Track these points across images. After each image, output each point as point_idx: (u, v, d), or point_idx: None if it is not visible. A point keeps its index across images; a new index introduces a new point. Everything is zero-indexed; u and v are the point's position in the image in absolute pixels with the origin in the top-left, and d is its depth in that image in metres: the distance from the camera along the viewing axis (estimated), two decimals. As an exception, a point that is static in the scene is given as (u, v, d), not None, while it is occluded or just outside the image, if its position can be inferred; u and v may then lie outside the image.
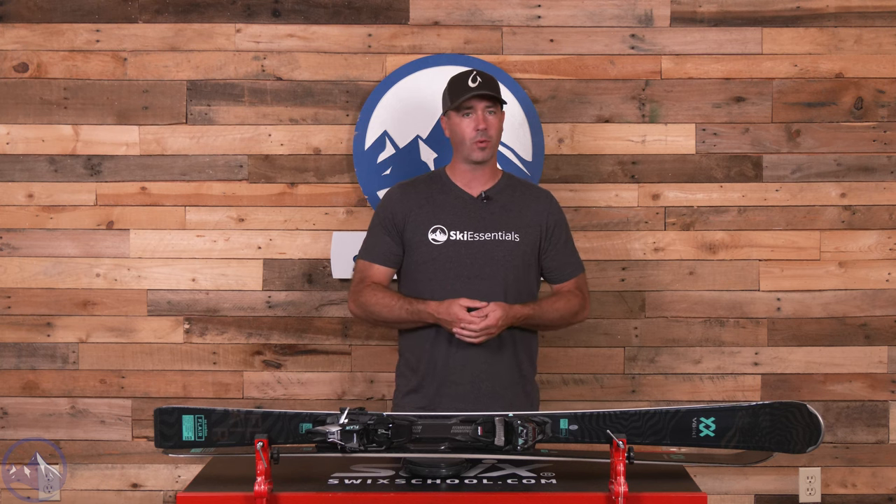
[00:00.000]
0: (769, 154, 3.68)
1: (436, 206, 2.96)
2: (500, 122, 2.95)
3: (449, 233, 2.92)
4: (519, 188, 3.02)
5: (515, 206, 2.97)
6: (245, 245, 3.68)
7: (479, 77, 2.91)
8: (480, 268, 2.89)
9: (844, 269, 3.68)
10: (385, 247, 2.98)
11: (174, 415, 2.49)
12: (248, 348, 3.69)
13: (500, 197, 2.97)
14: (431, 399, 2.90)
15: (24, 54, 3.66)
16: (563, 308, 2.95)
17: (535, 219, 2.97)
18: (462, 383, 2.88)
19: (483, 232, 2.92)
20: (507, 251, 2.92)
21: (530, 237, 2.96)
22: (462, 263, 2.89)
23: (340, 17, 3.66)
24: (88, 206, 3.67)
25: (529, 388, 3.00)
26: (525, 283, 2.96)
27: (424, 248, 2.92)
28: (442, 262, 2.90)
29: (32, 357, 3.69)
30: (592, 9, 3.66)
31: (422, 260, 2.93)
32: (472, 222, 2.93)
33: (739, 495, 3.71)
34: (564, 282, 3.03)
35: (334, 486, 2.40)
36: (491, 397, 2.87)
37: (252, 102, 3.66)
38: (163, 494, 3.71)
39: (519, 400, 2.93)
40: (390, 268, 2.99)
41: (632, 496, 2.28)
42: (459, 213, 2.94)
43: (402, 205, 2.98)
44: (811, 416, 2.45)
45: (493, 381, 2.89)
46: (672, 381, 3.70)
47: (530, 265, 2.97)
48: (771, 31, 3.66)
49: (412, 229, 2.95)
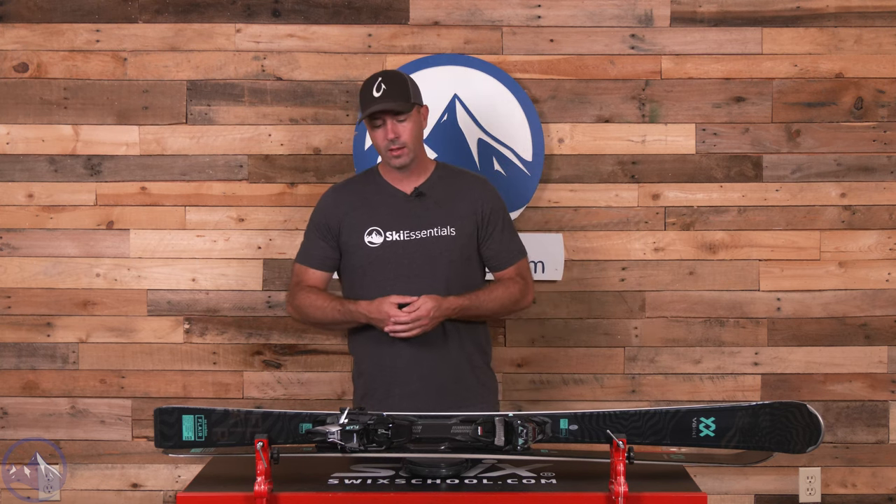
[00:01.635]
0: (769, 154, 3.68)
1: (370, 207, 2.94)
2: (415, 123, 2.88)
3: (385, 234, 2.90)
4: (451, 178, 2.99)
5: (449, 199, 2.94)
6: (245, 245, 3.68)
7: (385, 84, 2.85)
8: (419, 266, 2.87)
9: (844, 269, 3.68)
10: (319, 251, 2.97)
11: (174, 415, 2.49)
12: (248, 348, 3.69)
13: (434, 191, 2.94)
14: (382, 401, 2.87)
15: (24, 54, 3.66)
16: (501, 296, 2.92)
17: (469, 208, 2.94)
18: (411, 382, 2.87)
19: (418, 230, 2.90)
20: (445, 247, 2.90)
21: (467, 229, 2.93)
22: (400, 264, 2.88)
23: (340, 17, 3.66)
24: (88, 206, 3.67)
25: (485, 378, 2.99)
26: (467, 277, 2.94)
27: (361, 251, 2.91)
28: (380, 264, 2.88)
29: (32, 357, 3.69)
30: (592, 9, 3.66)
31: (360, 263, 2.92)
32: (407, 221, 2.91)
33: (739, 495, 3.71)
34: (504, 269, 2.99)
35: (334, 486, 2.40)
36: (441, 393, 2.86)
37: (252, 102, 3.66)
38: (163, 494, 3.71)
39: (473, 391, 2.93)
40: (326, 272, 2.98)
41: (632, 496, 2.28)
42: (394, 213, 2.92)
43: (337, 208, 2.97)
44: (811, 416, 2.45)
45: (442, 376, 2.88)
46: (672, 381, 3.70)
47: (470, 258, 2.95)
48: (771, 31, 3.66)
49: (348, 233, 2.93)
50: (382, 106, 2.83)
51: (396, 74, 2.93)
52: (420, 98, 2.94)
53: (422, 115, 2.94)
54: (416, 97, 2.91)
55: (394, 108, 2.84)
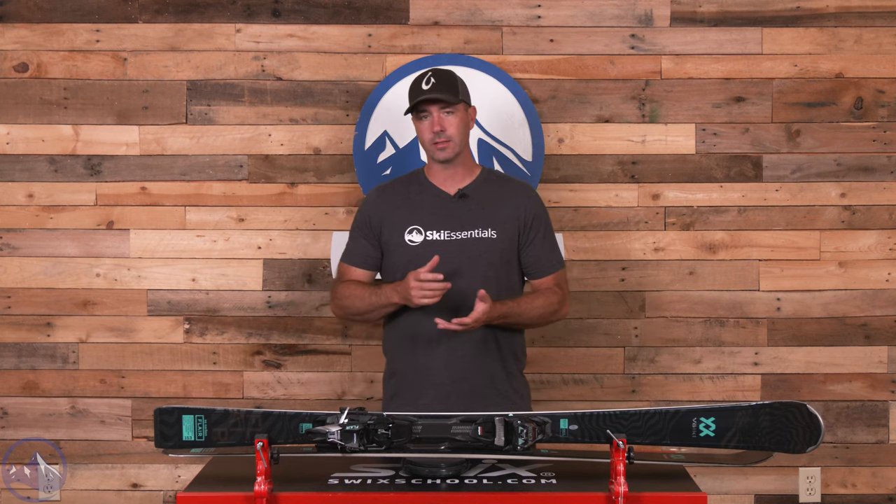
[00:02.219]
0: (769, 154, 3.68)
1: (412, 206, 2.94)
2: (462, 119, 2.89)
3: (425, 233, 2.90)
4: (497, 183, 2.99)
5: (492, 203, 2.93)
6: (245, 245, 3.68)
7: (434, 78, 2.88)
8: (459, 267, 2.85)
9: (844, 269, 3.68)
10: (362, 250, 2.97)
11: (174, 415, 2.49)
12: (248, 348, 3.69)
13: (477, 193, 2.94)
14: (414, 402, 2.86)
15: (24, 54, 3.66)
16: (541, 305, 2.91)
17: (512, 213, 2.93)
18: (443, 384, 2.86)
19: (459, 230, 2.89)
20: (485, 248, 2.89)
21: (508, 233, 2.92)
22: (439, 263, 2.84)
23: (340, 17, 3.66)
24: (88, 206, 3.68)
25: (518, 385, 2.98)
26: (505, 280, 2.93)
27: (401, 249, 2.91)
28: (419, 263, 2.84)
29: (32, 357, 3.69)
30: (592, 9, 3.66)
31: (400, 262, 2.91)
32: (449, 221, 2.90)
33: (739, 495, 3.71)
34: (542, 278, 2.98)
35: (334, 486, 2.40)
36: (473, 397, 2.85)
37: (252, 102, 3.66)
38: (163, 494, 3.71)
39: (507, 397, 2.90)
40: (369, 270, 2.98)
41: (632, 496, 2.28)
42: (435, 213, 2.92)
43: (378, 207, 2.97)
44: (811, 416, 2.45)
45: (474, 380, 2.87)
46: (672, 381, 3.70)
47: (510, 261, 2.94)
48: (771, 31, 3.66)
49: (389, 231, 2.93)
50: (429, 95, 2.85)
51: (447, 71, 2.95)
52: (469, 98, 2.95)
53: (469, 115, 2.94)
54: (464, 95, 2.92)
55: (441, 97, 2.84)
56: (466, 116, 2.92)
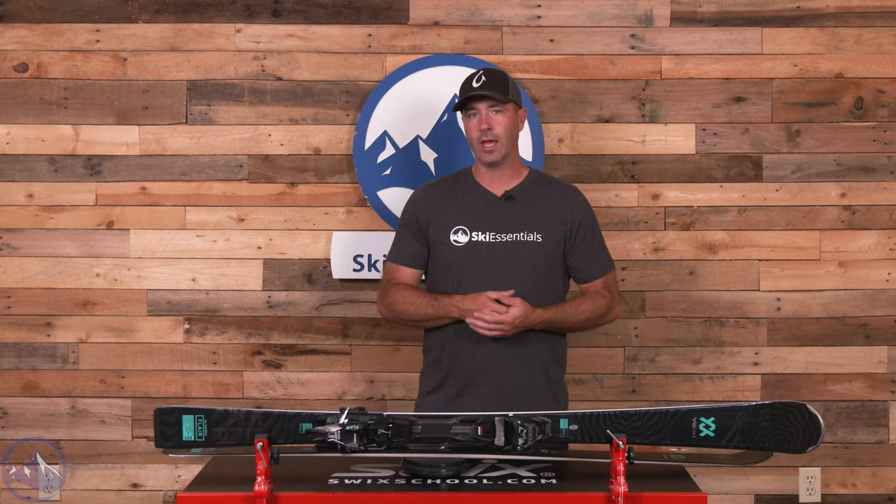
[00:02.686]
0: (769, 154, 3.68)
1: (459, 206, 2.93)
2: (511, 120, 2.88)
3: (471, 234, 2.89)
4: (544, 185, 2.98)
5: (539, 205, 2.92)
6: (245, 245, 3.68)
7: (485, 76, 2.87)
8: (503, 269, 2.86)
9: (844, 269, 3.69)
10: (410, 248, 2.96)
11: (174, 415, 2.49)
12: (248, 348, 3.69)
13: (524, 196, 2.93)
14: (452, 400, 2.86)
15: (24, 54, 3.66)
16: (588, 310, 2.91)
17: (559, 217, 2.92)
18: (482, 385, 2.85)
19: (505, 232, 2.89)
20: (530, 252, 2.88)
21: (554, 237, 2.91)
22: (484, 265, 2.86)
23: (340, 17, 3.66)
24: (88, 206, 3.68)
25: (557, 391, 2.96)
26: (549, 284, 2.92)
27: (447, 249, 2.90)
28: (464, 264, 2.87)
29: (32, 357, 3.69)
30: (592, 9, 3.66)
31: (444, 261, 2.91)
32: (494, 223, 2.90)
33: (739, 495, 3.71)
34: (591, 281, 2.97)
35: (334, 486, 2.40)
36: (512, 399, 2.82)
37: (252, 102, 3.66)
38: (163, 494, 3.71)
39: (544, 402, 2.87)
40: (417, 269, 2.97)
41: (632, 496, 2.28)
42: (481, 214, 2.91)
43: (426, 205, 2.96)
44: (811, 416, 2.45)
45: (515, 384, 2.86)
46: (672, 381, 3.70)
47: (554, 265, 2.93)
48: (771, 31, 3.66)
49: (435, 230, 2.93)
50: (479, 91, 2.84)
51: (499, 71, 2.95)
52: (519, 99, 2.94)
53: (519, 117, 2.93)
54: (514, 95, 2.90)
55: (490, 94, 2.84)
56: (516, 118, 2.91)
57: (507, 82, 2.90)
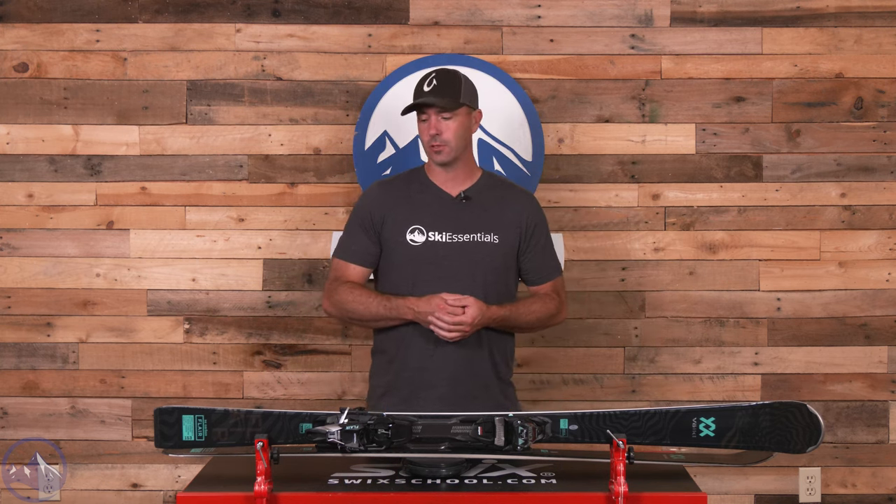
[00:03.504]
0: (769, 154, 3.68)
1: (414, 205, 2.91)
2: (461, 123, 2.85)
3: (427, 233, 2.87)
4: (499, 188, 2.97)
5: (495, 207, 2.92)
6: (245, 245, 3.68)
7: (436, 80, 2.85)
8: (460, 269, 2.84)
9: (844, 269, 3.69)
10: (361, 246, 2.93)
11: (174, 415, 2.49)
12: (248, 348, 3.69)
13: (480, 197, 2.92)
14: (406, 399, 2.83)
15: (24, 54, 3.66)
16: (539, 311, 2.91)
17: (514, 219, 2.92)
18: (439, 385, 2.84)
19: (462, 233, 2.88)
20: (487, 253, 2.87)
21: (509, 238, 2.91)
22: (441, 265, 2.85)
23: (340, 17, 3.66)
24: (88, 206, 3.68)
25: (508, 390, 2.96)
26: (504, 285, 2.92)
27: (403, 248, 2.88)
28: (420, 263, 2.85)
29: (32, 357, 3.69)
30: (592, 9, 3.66)
31: (399, 261, 2.89)
32: (451, 223, 2.88)
33: (739, 495, 3.71)
34: (541, 284, 2.97)
35: (334, 486, 2.40)
36: (467, 399, 2.82)
37: (252, 102, 3.66)
38: (163, 494, 3.71)
39: (496, 402, 2.88)
40: (366, 268, 2.93)
41: (632, 496, 2.28)
42: (438, 214, 2.89)
43: (381, 203, 2.93)
44: (811, 416, 2.45)
45: (469, 383, 2.86)
46: (672, 381, 3.70)
47: (509, 267, 2.93)
48: (771, 31, 3.66)
49: (390, 229, 2.90)
50: (425, 100, 2.83)
51: (451, 73, 2.91)
52: (474, 101, 2.91)
53: (473, 118, 2.91)
54: (467, 98, 2.87)
55: (436, 103, 2.82)
56: (468, 120, 2.89)
57: (458, 86, 2.87)
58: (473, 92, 2.92)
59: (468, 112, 2.88)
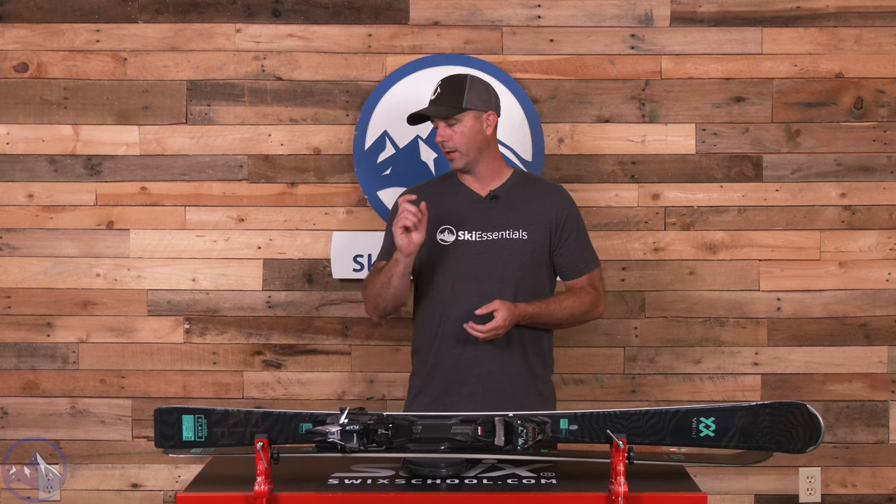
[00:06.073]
0: (769, 154, 3.68)
1: (444, 206, 2.93)
2: (470, 128, 2.86)
3: (457, 233, 2.91)
4: (528, 185, 2.99)
5: (524, 204, 2.94)
6: (245, 245, 3.68)
7: (440, 88, 2.88)
8: (489, 267, 2.87)
9: (844, 269, 3.69)
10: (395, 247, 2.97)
11: (174, 415, 2.49)
12: (248, 348, 3.69)
13: (509, 195, 2.94)
14: (439, 397, 2.88)
15: (24, 54, 3.66)
16: (572, 306, 2.91)
17: (544, 215, 2.93)
18: (470, 383, 2.86)
19: (491, 231, 2.90)
20: (516, 250, 2.89)
21: (539, 234, 2.92)
22: (471, 263, 2.88)
23: (340, 17, 3.66)
24: (88, 206, 3.68)
25: (543, 388, 2.96)
26: (535, 282, 2.93)
27: (433, 248, 2.91)
28: (450, 263, 2.89)
29: (32, 357, 3.69)
30: (592, 9, 3.66)
31: (431, 260, 2.92)
32: (480, 222, 2.91)
33: (739, 495, 3.71)
34: (576, 278, 2.97)
35: (334, 486, 2.40)
36: (500, 397, 2.83)
37: (252, 102, 3.66)
38: (163, 494, 3.71)
39: (531, 400, 2.88)
40: None
41: (632, 496, 2.28)
42: (467, 213, 2.93)
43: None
44: (811, 416, 2.45)
45: (502, 380, 2.87)
46: (672, 381, 3.70)
47: (541, 263, 2.94)
48: (771, 31, 3.66)
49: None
50: (423, 111, 2.88)
51: (456, 79, 2.91)
52: (481, 103, 2.89)
53: (484, 121, 2.90)
54: (471, 102, 2.86)
55: (431, 113, 2.87)
56: (477, 124, 2.88)
57: (461, 91, 2.87)
58: (483, 94, 2.92)
59: (476, 116, 2.88)
